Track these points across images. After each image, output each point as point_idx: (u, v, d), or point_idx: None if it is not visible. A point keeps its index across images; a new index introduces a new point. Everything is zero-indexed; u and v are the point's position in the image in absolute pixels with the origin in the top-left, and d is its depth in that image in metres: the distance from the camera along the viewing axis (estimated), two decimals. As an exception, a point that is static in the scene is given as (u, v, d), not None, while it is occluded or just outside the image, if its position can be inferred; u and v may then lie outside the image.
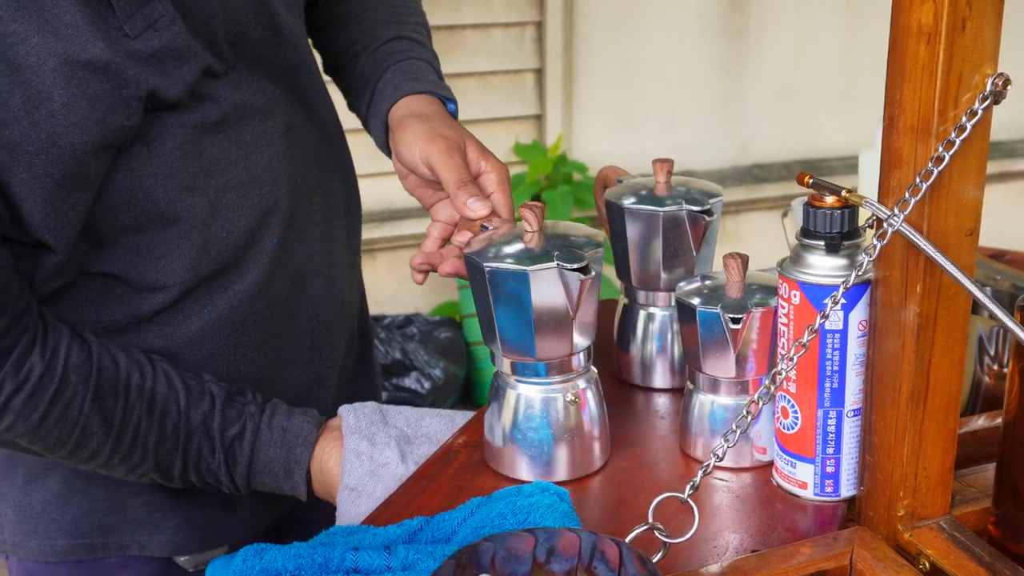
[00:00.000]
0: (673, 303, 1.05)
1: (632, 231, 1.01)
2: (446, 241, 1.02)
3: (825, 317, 0.72)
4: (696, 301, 0.88)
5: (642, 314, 1.06)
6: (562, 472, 0.89)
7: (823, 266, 0.80)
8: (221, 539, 1.02)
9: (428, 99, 1.05)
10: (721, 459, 0.70)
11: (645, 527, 0.68)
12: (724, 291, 0.89)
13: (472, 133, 1.03)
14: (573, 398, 0.88)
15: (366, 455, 0.90)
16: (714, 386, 0.90)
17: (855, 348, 0.80)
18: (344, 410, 0.94)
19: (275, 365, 1.01)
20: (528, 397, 0.88)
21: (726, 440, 0.70)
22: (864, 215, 0.80)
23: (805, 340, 0.71)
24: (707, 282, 0.93)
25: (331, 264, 1.04)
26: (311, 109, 1.03)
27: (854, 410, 0.82)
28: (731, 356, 0.88)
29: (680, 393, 1.05)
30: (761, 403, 0.70)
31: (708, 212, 0.99)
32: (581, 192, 2.92)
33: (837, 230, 0.80)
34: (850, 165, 3.30)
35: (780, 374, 0.71)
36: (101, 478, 0.98)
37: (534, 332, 0.84)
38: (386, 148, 1.07)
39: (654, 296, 1.05)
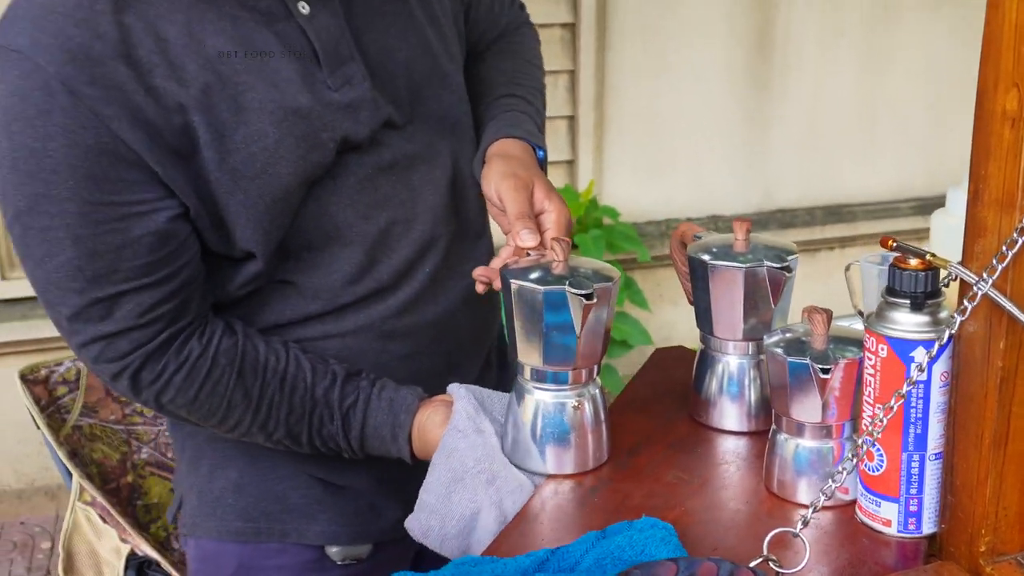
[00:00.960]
0: (749, 352, 1.13)
1: (715, 285, 1.09)
2: None
3: (913, 383, 0.80)
4: (786, 352, 0.96)
5: (720, 362, 1.14)
6: (567, 466, 1.03)
7: (908, 322, 0.88)
8: (366, 537, 1.14)
9: (520, 144, 1.16)
10: (830, 498, 0.77)
11: (760, 560, 0.75)
12: (810, 342, 0.97)
13: (541, 173, 1.14)
14: (576, 404, 1.02)
15: (471, 414, 1.04)
16: (799, 430, 0.98)
17: (937, 397, 0.88)
18: (453, 387, 1.08)
19: (413, 375, 1.13)
20: (540, 400, 1.02)
21: (833, 480, 0.78)
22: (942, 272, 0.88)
23: (904, 391, 0.79)
24: (787, 334, 1.00)
25: (472, 297, 1.14)
26: (468, 162, 1.17)
27: (936, 454, 0.90)
28: (818, 403, 0.95)
29: (754, 436, 1.13)
30: (864, 448, 0.78)
31: (788, 268, 1.07)
32: (612, 236, 3.01)
33: (922, 290, 0.88)
34: (869, 211, 3.39)
35: (881, 422, 0.79)
36: (270, 472, 1.13)
37: (544, 343, 0.98)
38: None
39: (733, 345, 1.12)
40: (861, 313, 1.24)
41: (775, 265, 1.07)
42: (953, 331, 0.79)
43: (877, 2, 3.29)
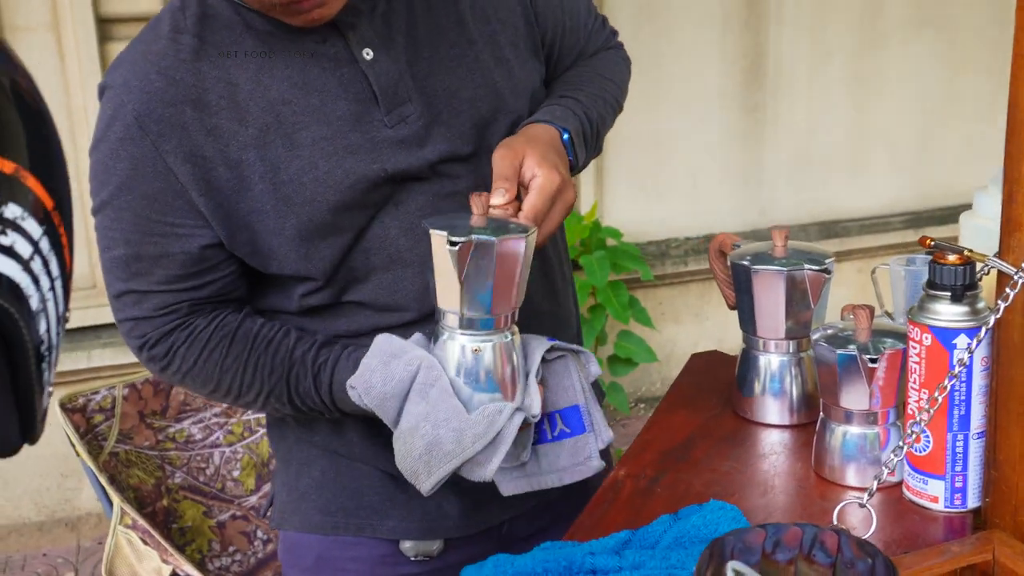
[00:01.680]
0: (790, 350, 1.21)
1: (758, 288, 1.17)
2: None
3: (958, 372, 0.88)
4: (834, 345, 1.04)
5: (763, 360, 1.21)
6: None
7: (948, 312, 0.97)
8: (436, 533, 1.20)
9: (539, 126, 1.16)
10: (892, 471, 0.85)
11: (831, 527, 0.83)
12: (854, 336, 1.05)
13: (551, 149, 1.12)
14: (477, 349, 1.03)
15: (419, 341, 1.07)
16: (848, 418, 1.06)
17: (979, 380, 0.96)
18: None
19: None
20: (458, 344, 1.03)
21: (894, 454, 0.85)
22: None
23: (947, 381, 0.87)
24: (830, 331, 1.09)
25: (537, 310, 1.19)
26: None
27: (979, 433, 0.98)
28: (865, 391, 1.04)
29: (797, 428, 1.21)
30: (916, 430, 0.86)
31: (826, 271, 1.15)
32: (616, 256, 3.09)
33: (961, 282, 0.96)
34: (864, 225, 3.50)
35: (933, 403, 0.87)
36: (348, 470, 1.21)
37: (434, 285, 1.02)
38: None
39: (775, 344, 1.20)
40: (888, 314, 1.33)
41: (814, 268, 1.15)
42: (998, 317, 0.87)
43: (864, 26, 3.42)
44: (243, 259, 1.13)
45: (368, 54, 1.10)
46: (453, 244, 0.97)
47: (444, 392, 1.02)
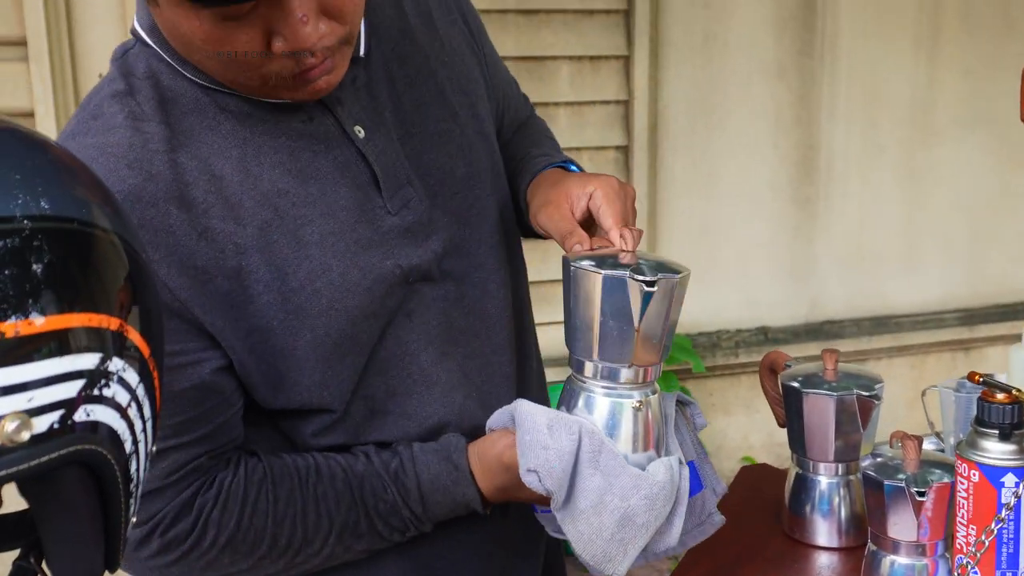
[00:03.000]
0: (839, 472, 1.22)
1: (808, 411, 1.19)
2: None
3: (1009, 509, 0.89)
4: (882, 475, 1.05)
5: (812, 481, 1.23)
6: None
7: (996, 450, 0.98)
8: None
9: (543, 174, 1.10)
10: (939, 613, 0.86)
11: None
12: (903, 466, 1.07)
13: (575, 176, 1.04)
14: (639, 405, 0.91)
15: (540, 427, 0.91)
16: (896, 547, 1.07)
17: (1027, 519, 0.97)
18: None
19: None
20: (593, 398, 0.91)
21: (942, 597, 0.86)
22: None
23: (1000, 516, 0.88)
24: (879, 459, 1.10)
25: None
26: (521, 281, 1.17)
27: (1028, 571, 0.98)
28: (914, 523, 1.04)
29: (845, 552, 1.21)
30: (964, 563, 0.87)
31: (876, 397, 1.17)
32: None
33: (1009, 421, 0.97)
34: (917, 322, 3.48)
35: (980, 545, 0.88)
36: None
37: (599, 335, 0.88)
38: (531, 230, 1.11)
39: (824, 467, 1.22)
40: (938, 435, 1.34)
41: (865, 393, 1.17)
42: (1045, 461, 0.89)
43: (915, 122, 3.44)
44: (251, 390, 0.94)
45: (360, 132, 0.97)
46: (651, 285, 0.85)
47: (615, 458, 0.88)
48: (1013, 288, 3.54)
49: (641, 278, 0.86)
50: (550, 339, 1.46)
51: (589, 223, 0.99)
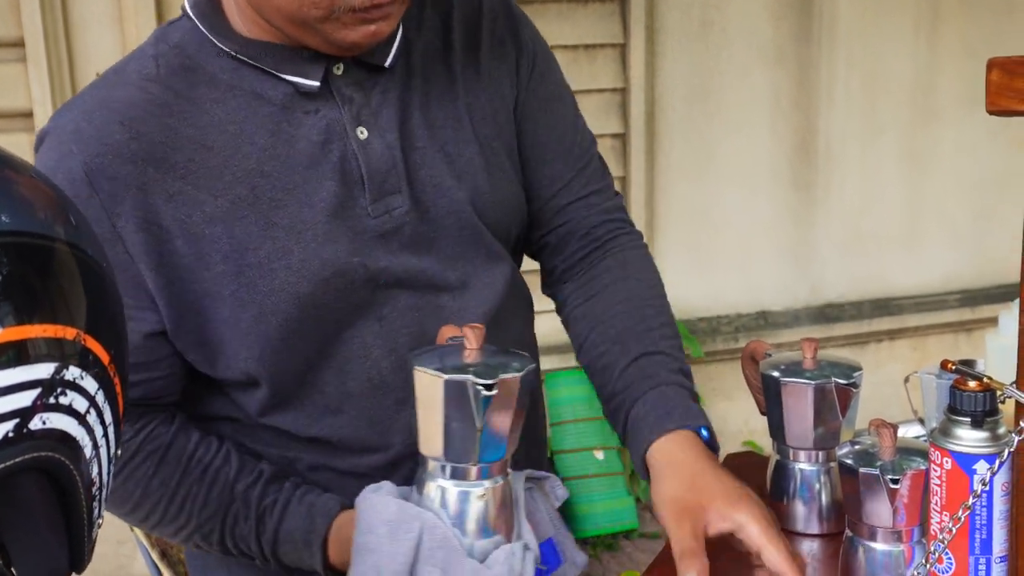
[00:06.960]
0: (819, 459, 1.23)
1: (787, 399, 1.20)
2: None
3: (977, 496, 0.90)
4: (857, 463, 1.06)
5: (792, 469, 1.24)
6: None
7: (969, 438, 0.98)
8: None
9: (681, 438, 1.04)
10: (908, 600, 0.87)
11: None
12: (878, 454, 1.07)
13: (716, 481, 1.00)
14: (484, 493, 0.94)
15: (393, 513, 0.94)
16: (872, 534, 1.08)
17: (1000, 505, 0.97)
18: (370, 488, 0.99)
19: None
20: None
21: (917, 573, 0.87)
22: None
23: (970, 503, 0.89)
24: (857, 446, 1.11)
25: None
26: (517, 298, 1.18)
27: (1001, 556, 0.99)
28: (888, 510, 1.05)
29: (826, 537, 1.22)
30: (938, 550, 0.88)
31: (854, 385, 1.18)
32: (666, 333, 3.12)
33: (981, 409, 0.98)
34: (918, 303, 3.48)
35: (950, 531, 0.89)
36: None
37: (445, 436, 0.91)
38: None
39: (804, 454, 1.23)
40: (921, 420, 1.35)
41: (842, 381, 1.18)
42: (1012, 448, 0.89)
43: (915, 104, 3.43)
44: (184, 353, 0.99)
45: (363, 133, 1.01)
46: (489, 388, 0.88)
47: (455, 552, 0.92)
48: (1015, 268, 3.51)
49: (481, 381, 0.89)
50: (549, 328, 1.48)
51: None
